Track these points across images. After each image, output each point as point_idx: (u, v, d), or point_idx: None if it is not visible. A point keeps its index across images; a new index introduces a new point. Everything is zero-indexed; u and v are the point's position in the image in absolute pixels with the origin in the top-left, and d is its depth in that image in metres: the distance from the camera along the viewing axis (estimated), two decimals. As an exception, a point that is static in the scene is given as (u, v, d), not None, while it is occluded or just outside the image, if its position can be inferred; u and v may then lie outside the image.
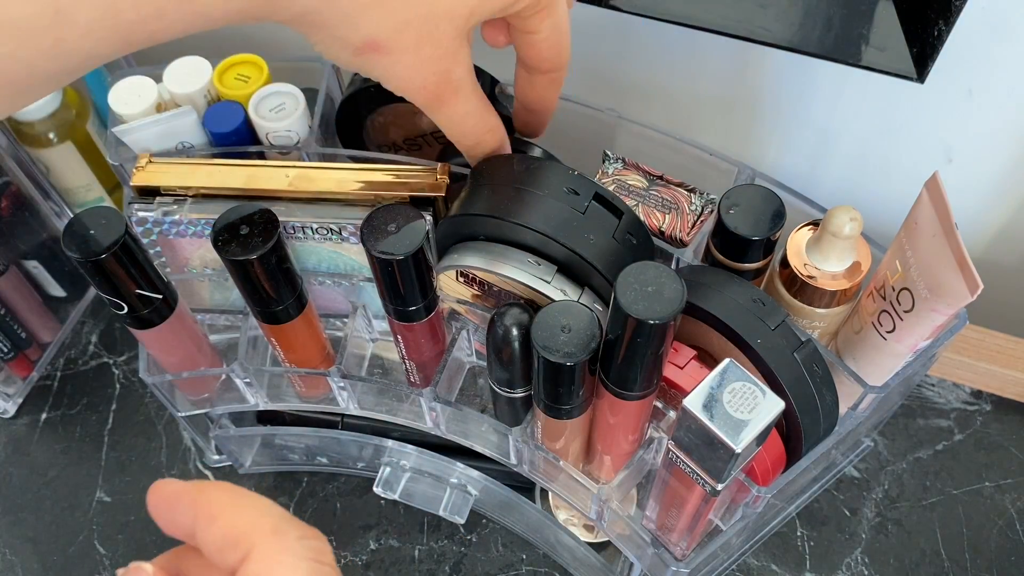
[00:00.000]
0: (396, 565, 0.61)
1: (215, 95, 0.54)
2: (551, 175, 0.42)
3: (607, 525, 0.51)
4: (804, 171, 0.65)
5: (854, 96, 0.58)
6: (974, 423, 0.64)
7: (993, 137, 0.57)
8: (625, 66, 0.63)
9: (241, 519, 0.28)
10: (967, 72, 0.53)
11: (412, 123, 0.55)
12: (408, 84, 0.38)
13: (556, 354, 0.38)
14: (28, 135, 0.64)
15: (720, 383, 0.36)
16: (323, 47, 0.36)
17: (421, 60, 0.37)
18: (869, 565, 0.59)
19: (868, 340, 0.46)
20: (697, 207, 0.52)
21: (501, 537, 0.61)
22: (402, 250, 0.42)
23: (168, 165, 0.49)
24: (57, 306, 0.71)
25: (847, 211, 0.43)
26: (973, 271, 0.37)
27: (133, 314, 0.47)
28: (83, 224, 0.43)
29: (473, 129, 0.42)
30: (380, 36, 0.35)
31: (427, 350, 0.51)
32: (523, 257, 0.43)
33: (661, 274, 0.36)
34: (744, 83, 0.61)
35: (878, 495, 0.62)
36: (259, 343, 0.56)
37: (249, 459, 0.63)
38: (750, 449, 0.36)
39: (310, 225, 0.48)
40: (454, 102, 0.40)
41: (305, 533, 0.28)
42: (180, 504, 0.28)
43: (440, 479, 0.58)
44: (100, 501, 0.64)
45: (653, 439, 0.47)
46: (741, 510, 0.45)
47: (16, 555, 0.62)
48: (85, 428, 0.67)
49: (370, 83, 0.52)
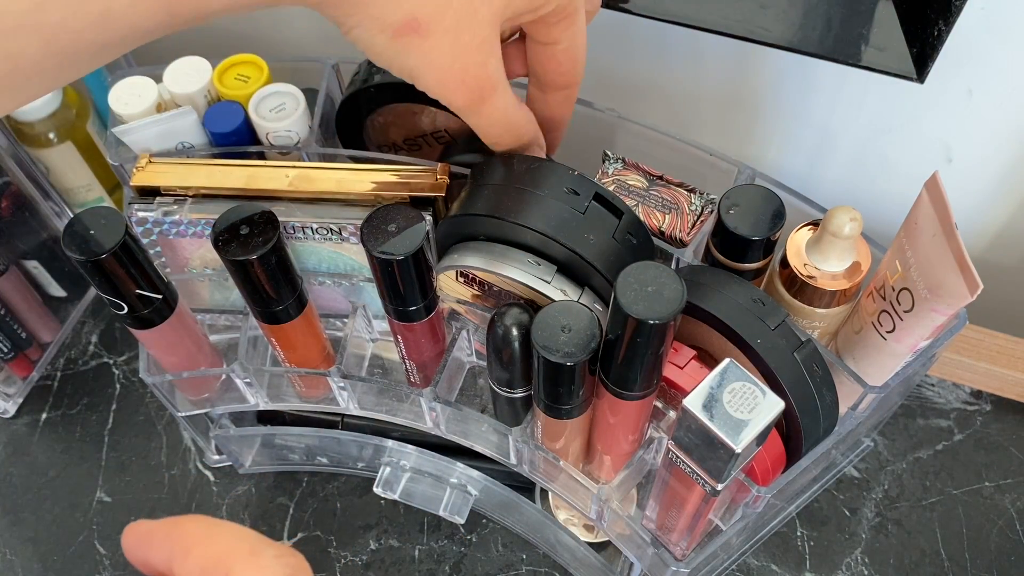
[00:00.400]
0: (396, 565, 0.61)
1: (215, 95, 0.54)
2: (551, 175, 0.42)
3: (607, 525, 0.51)
4: (804, 171, 0.65)
5: (854, 96, 0.58)
6: (974, 423, 0.64)
7: (993, 137, 0.57)
8: (625, 66, 0.63)
9: (216, 547, 0.28)
10: (967, 72, 0.53)
11: (412, 123, 0.55)
12: (447, 77, 0.37)
13: (556, 354, 0.38)
14: (28, 135, 0.64)
15: (720, 383, 0.36)
16: (359, 31, 0.35)
17: (460, 47, 0.36)
18: (869, 565, 0.59)
19: (868, 340, 0.46)
20: (697, 207, 0.52)
21: (501, 537, 0.61)
22: (402, 250, 0.42)
23: (168, 165, 0.49)
24: (57, 306, 0.71)
25: (847, 211, 0.43)
26: (973, 271, 0.37)
27: (133, 314, 0.47)
28: (83, 224, 0.43)
29: (513, 124, 0.42)
30: (421, 14, 0.35)
31: (427, 350, 0.51)
32: (523, 257, 0.43)
33: (661, 274, 0.36)
34: (744, 83, 0.61)
35: (878, 495, 0.62)
36: (259, 343, 0.56)
37: (249, 459, 0.64)
38: (750, 449, 0.36)
39: (310, 225, 0.48)
40: (494, 99, 0.39)
41: (281, 552, 0.28)
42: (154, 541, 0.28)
43: (440, 479, 0.58)
44: (100, 501, 0.64)
45: (653, 439, 0.47)
46: (741, 510, 0.45)
47: (16, 555, 0.62)
48: (85, 428, 0.67)
49: (370, 83, 0.52)
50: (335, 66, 0.56)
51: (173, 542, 0.28)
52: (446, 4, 0.35)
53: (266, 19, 0.69)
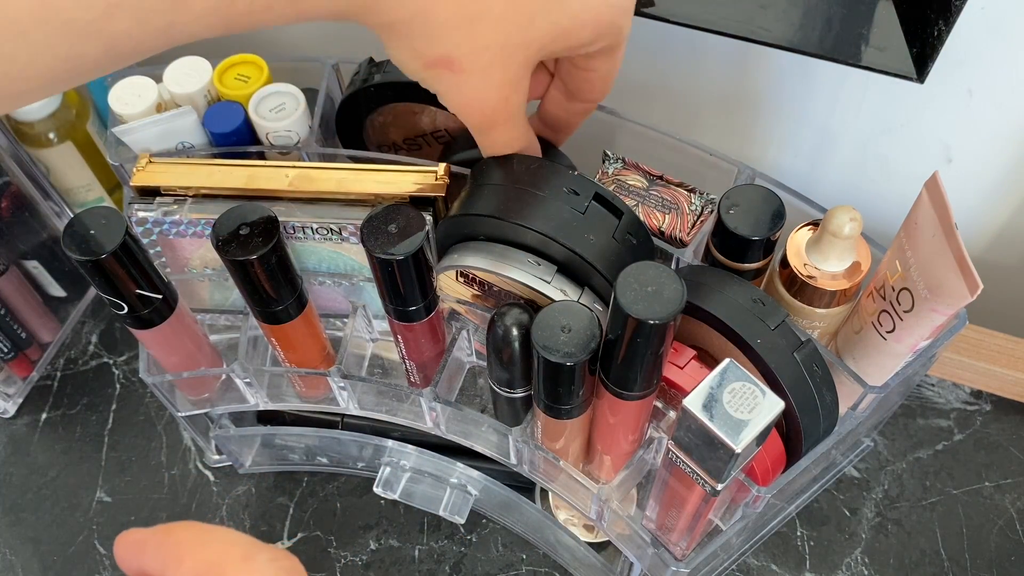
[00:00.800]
0: (396, 565, 0.61)
1: (215, 95, 0.54)
2: (551, 175, 0.42)
3: (607, 525, 0.51)
4: (804, 171, 0.65)
5: (854, 96, 0.58)
6: (974, 423, 0.64)
7: (993, 137, 0.57)
8: (625, 66, 0.63)
9: (209, 552, 0.28)
10: (967, 72, 0.53)
11: (412, 123, 0.55)
12: (468, 105, 0.39)
13: (556, 354, 0.38)
14: (28, 135, 0.64)
15: (720, 383, 0.36)
16: (396, 53, 0.37)
17: (487, 83, 0.38)
18: (869, 565, 0.59)
19: (868, 340, 0.46)
20: (697, 207, 0.52)
21: (501, 537, 0.61)
22: (402, 250, 0.42)
23: (168, 165, 0.49)
24: (57, 306, 0.71)
25: (847, 211, 0.43)
26: (973, 271, 0.37)
27: (133, 314, 0.47)
28: (83, 224, 0.43)
29: (513, 149, 0.43)
30: (456, 55, 0.36)
31: (427, 350, 0.51)
32: (523, 257, 0.43)
33: (661, 274, 0.36)
34: (744, 83, 0.61)
35: (878, 495, 0.62)
36: (259, 343, 0.56)
37: (249, 459, 0.64)
38: (750, 449, 0.36)
39: (310, 225, 0.48)
40: (504, 128, 0.41)
41: (275, 555, 0.28)
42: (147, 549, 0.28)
43: (440, 479, 0.58)
44: (100, 501, 0.64)
45: (653, 439, 0.47)
46: (741, 510, 0.45)
47: (16, 555, 0.62)
48: (85, 428, 0.67)
49: (370, 83, 0.52)
50: (335, 66, 0.56)
51: (166, 550, 0.28)
52: (484, 48, 0.36)
53: (266, 19, 0.69)
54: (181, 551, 0.28)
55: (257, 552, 0.28)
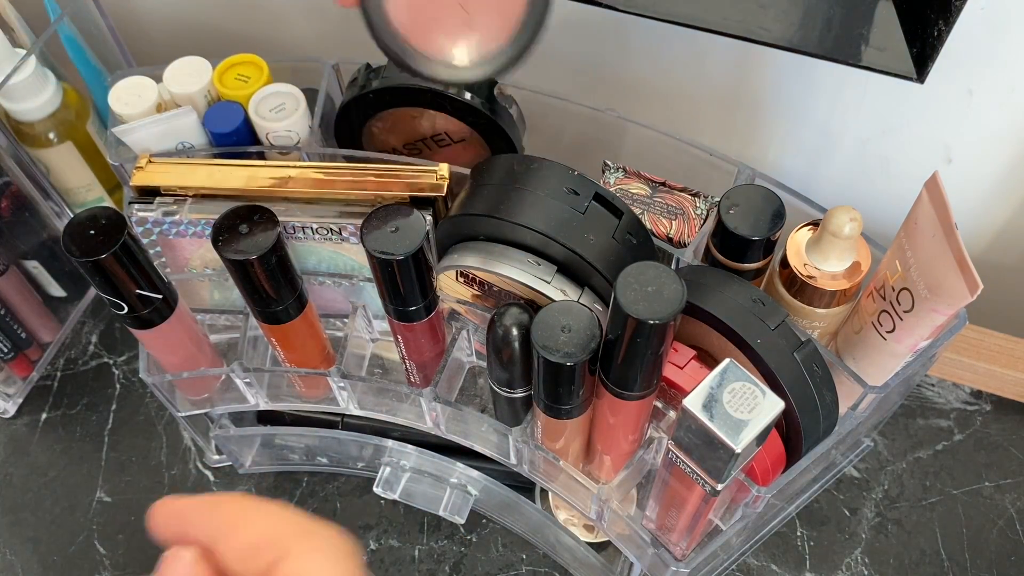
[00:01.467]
0: (396, 565, 0.61)
1: (215, 95, 0.54)
2: (551, 175, 0.42)
3: (607, 525, 0.51)
4: (804, 171, 0.65)
5: (854, 96, 0.58)
6: (974, 423, 0.64)
7: (993, 137, 0.57)
8: (625, 66, 0.63)
9: (267, 524, 0.27)
10: (967, 72, 0.53)
11: (411, 127, 0.55)
12: None
13: (556, 354, 0.38)
14: (28, 135, 0.64)
15: (720, 383, 0.36)
16: None
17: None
18: (869, 565, 0.59)
19: (868, 340, 0.46)
20: (702, 211, 0.52)
21: (501, 537, 0.61)
22: (402, 250, 0.42)
23: (168, 165, 0.49)
24: (57, 306, 0.71)
25: (847, 211, 0.43)
26: (973, 271, 0.37)
27: (133, 314, 0.47)
28: (83, 224, 0.43)
29: None
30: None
31: (427, 350, 0.51)
32: (523, 257, 0.43)
33: (661, 274, 0.36)
34: (744, 83, 0.61)
35: (878, 495, 0.62)
36: (259, 343, 0.56)
37: (249, 459, 0.63)
38: (750, 449, 0.36)
39: (310, 225, 0.48)
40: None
41: (335, 532, 0.28)
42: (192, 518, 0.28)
43: (440, 479, 0.58)
44: (100, 501, 0.64)
45: (653, 439, 0.47)
46: (741, 510, 0.45)
47: (16, 555, 0.62)
48: (85, 428, 0.67)
49: (368, 89, 0.52)
50: (335, 66, 0.56)
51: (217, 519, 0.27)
52: None
53: (266, 19, 0.69)
54: (235, 521, 0.27)
55: (317, 528, 0.27)
